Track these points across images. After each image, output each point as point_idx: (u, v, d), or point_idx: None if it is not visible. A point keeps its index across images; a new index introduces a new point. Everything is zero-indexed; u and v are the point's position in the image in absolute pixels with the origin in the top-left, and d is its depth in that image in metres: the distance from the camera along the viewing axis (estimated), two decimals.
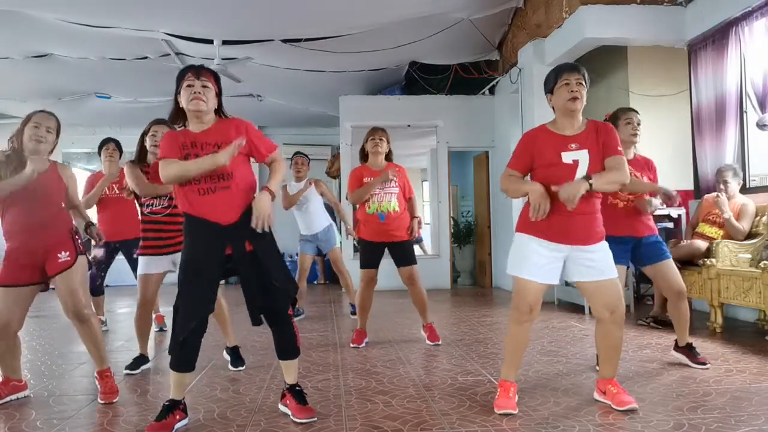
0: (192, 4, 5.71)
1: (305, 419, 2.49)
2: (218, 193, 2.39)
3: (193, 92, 2.42)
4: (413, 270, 4.13)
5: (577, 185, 2.43)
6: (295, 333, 2.59)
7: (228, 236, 2.40)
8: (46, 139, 2.91)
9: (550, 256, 2.56)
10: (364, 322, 4.25)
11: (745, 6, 4.72)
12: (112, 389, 2.92)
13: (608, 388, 2.65)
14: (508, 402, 2.59)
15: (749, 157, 5.00)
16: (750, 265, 4.24)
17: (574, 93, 2.53)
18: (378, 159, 4.17)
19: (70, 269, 2.87)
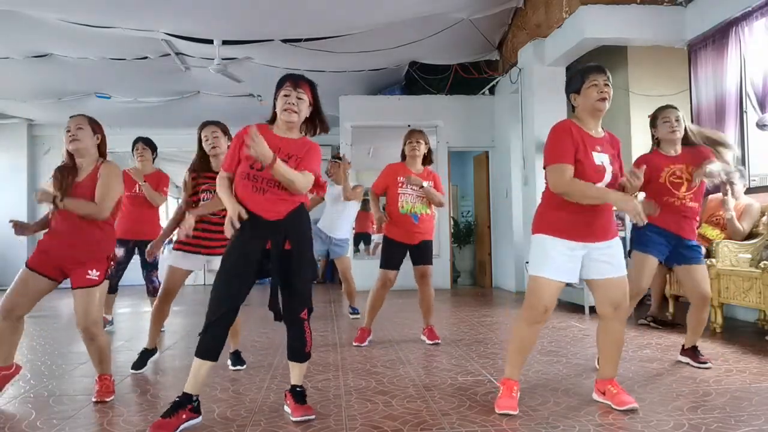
0: (192, 4, 5.71)
1: (300, 417, 2.50)
2: (268, 194, 2.48)
3: (287, 102, 2.51)
4: (428, 269, 4.16)
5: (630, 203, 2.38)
6: (306, 339, 2.60)
7: (270, 231, 2.47)
8: (78, 136, 2.86)
9: (572, 255, 2.56)
10: (371, 320, 4.25)
11: (745, 6, 4.72)
12: (108, 390, 2.94)
13: (608, 389, 2.65)
14: (510, 402, 2.58)
15: (749, 157, 5.00)
16: (750, 265, 4.24)
17: (604, 93, 2.53)
18: (416, 162, 4.17)
19: (94, 288, 2.87)
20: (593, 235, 2.55)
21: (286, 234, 2.50)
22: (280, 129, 2.59)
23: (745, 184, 4.68)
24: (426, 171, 4.21)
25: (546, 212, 2.63)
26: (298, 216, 2.56)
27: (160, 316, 3.53)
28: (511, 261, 7.64)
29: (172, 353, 4.02)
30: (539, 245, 2.61)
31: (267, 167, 2.39)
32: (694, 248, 3.27)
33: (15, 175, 9.83)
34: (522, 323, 2.66)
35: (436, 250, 8.39)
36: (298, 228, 2.55)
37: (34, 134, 10.06)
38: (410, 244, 4.13)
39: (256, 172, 2.46)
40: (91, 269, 2.86)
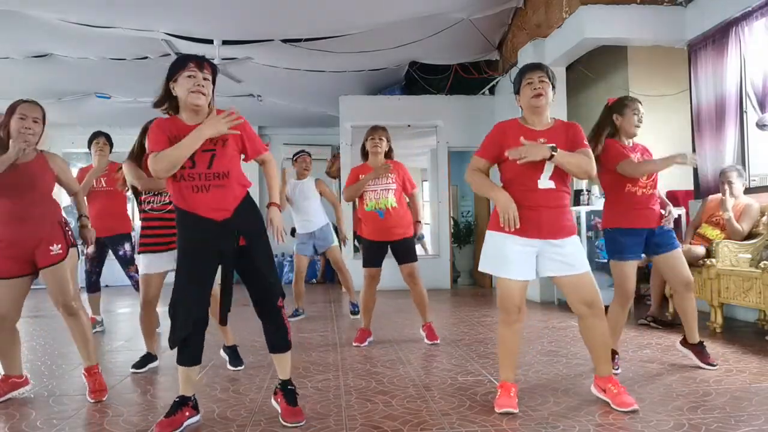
0: (192, 4, 5.71)
1: (292, 423, 2.45)
2: (212, 190, 2.37)
3: (195, 84, 2.35)
4: (414, 267, 4.13)
5: (539, 148, 2.49)
6: (286, 326, 2.56)
7: (222, 231, 2.39)
8: (34, 130, 2.85)
9: (524, 251, 2.59)
10: (368, 321, 4.26)
11: (745, 6, 4.72)
12: (101, 386, 2.92)
13: (608, 387, 2.64)
14: (509, 401, 2.59)
15: (749, 157, 5.00)
16: (750, 265, 4.24)
17: (537, 90, 2.61)
18: (378, 158, 4.17)
19: (62, 263, 2.84)
20: (540, 231, 2.57)
21: (238, 231, 2.42)
22: (188, 117, 2.40)
23: (745, 183, 4.68)
24: (389, 161, 4.18)
25: (497, 211, 2.65)
26: (247, 207, 2.46)
27: (146, 323, 3.54)
28: None
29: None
30: (493, 244, 2.66)
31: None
32: (666, 233, 3.23)
33: None
34: (501, 325, 2.70)
35: (436, 250, 8.42)
36: (249, 220, 2.46)
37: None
38: (384, 241, 4.10)
39: (190, 170, 2.34)
40: (52, 245, 2.83)
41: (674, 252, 3.23)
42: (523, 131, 2.63)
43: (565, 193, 2.64)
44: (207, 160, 2.36)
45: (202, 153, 2.36)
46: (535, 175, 2.56)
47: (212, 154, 2.38)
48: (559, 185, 2.60)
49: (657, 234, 3.22)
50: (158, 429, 2.38)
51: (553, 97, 2.67)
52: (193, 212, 2.38)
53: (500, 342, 2.73)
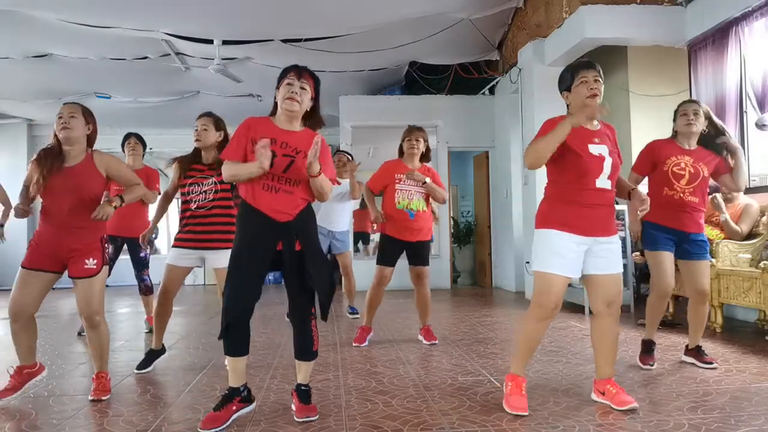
0: (192, 4, 5.71)
1: (302, 418, 2.51)
2: (280, 193, 2.45)
3: (290, 91, 2.47)
4: (425, 271, 4.13)
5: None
6: (313, 337, 2.60)
7: (281, 232, 2.46)
8: (71, 124, 2.86)
9: (578, 249, 2.57)
10: (370, 319, 4.25)
11: (745, 6, 4.72)
12: (104, 389, 2.95)
13: (607, 389, 2.64)
14: (521, 401, 2.57)
15: (749, 157, 5.00)
16: (750, 265, 4.24)
17: (594, 90, 2.58)
18: (414, 159, 4.16)
19: (94, 278, 2.87)
20: (597, 229, 2.57)
21: (296, 235, 2.48)
22: (281, 121, 2.55)
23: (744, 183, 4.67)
24: (424, 167, 4.19)
25: (553, 207, 2.64)
26: (307, 216, 2.55)
27: (162, 315, 3.51)
28: (511, 261, 7.64)
29: (172, 353, 4.02)
30: (545, 240, 2.61)
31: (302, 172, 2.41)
32: (698, 243, 3.26)
33: (15, 175, 9.81)
34: (532, 320, 2.65)
35: (436, 250, 8.42)
36: (307, 228, 2.54)
37: (34, 134, 10.06)
38: (406, 241, 4.09)
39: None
40: (88, 258, 2.86)
41: (699, 262, 3.25)
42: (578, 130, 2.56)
43: (614, 195, 2.67)
44: (284, 165, 2.44)
45: (282, 157, 2.44)
46: (594, 174, 2.55)
47: (291, 160, 2.45)
48: (613, 185, 2.62)
49: (690, 240, 3.24)
50: (203, 424, 2.40)
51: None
52: (258, 209, 2.45)
53: (526, 336, 2.68)
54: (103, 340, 2.99)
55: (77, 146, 2.92)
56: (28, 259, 2.86)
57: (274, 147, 2.43)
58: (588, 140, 2.57)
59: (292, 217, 2.47)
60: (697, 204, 3.25)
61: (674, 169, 3.22)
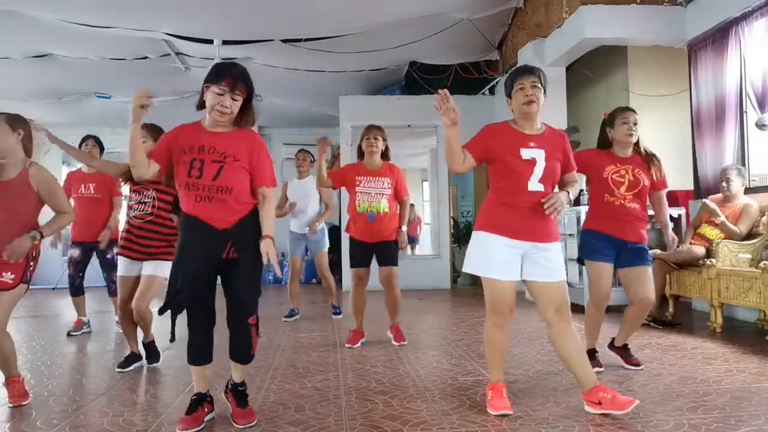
0: (192, 4, 5.71)
1: (243, 425, 2.47)
2: (214, 202, 2.41)
3: (220, 104, 2.39)
4: (392, 271, 4.08)
5: (561, 196, 2.53)
6: (251, 342, 2.53)
7: (218, 239, 2.42)
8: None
9: (510, 252, 2.58)
10: (359, 322, 4.23)
11: (745, 6, 4.72)
12: (20, 392, 2.83)
13: (600, 396, 2.51)
14: (503, 402, 2.58)
15: (749, 157, 5.00)
16: (750, 265, 4.24)
17: (529, 97, 2.59)
18: (373, 158, 4.13)
19: (5, 291, 2.70)
20: (531, 233, 2.57)
21: (233, 242, 2.44)
22: (210, 123, 2.48)
23: (744, 183, 4.68)
24: (386, 166, 4.15)
25: (488, 210, 2.66)
26: (248, 223, 2.47)
27: (125, 324, 3.57)
28: None
29: (172, 353, 4.02)
30: (479, 243, 2.64)
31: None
32: (637, 250, 3.19)
33: None
34: (492, 329, 2.66)
35: (436, 250, 8.43)
36: (245, 235, 2.46)
37: None
38: (369, 243, 4.08)
39: (196, 180, 2.39)
40: (6, 272, 2.68)
41: (640, 268, 3.18)
42: (514, 133, 2.64)
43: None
44: (214, 173, 2.40)
45: (211, 164, 2.40)
46: (524, 177, 2.56)
47: (220, 166, 2.41)
48: (549, 189, 2.60)
49: (629, 248, 3.19)
50: (181, 426, 2.40)
51: (544, 100, 2.65)
52: (196, 216, 2.43)
53: (489, 344, 2.70)
54: (8, 353, 2.81)
55: (12, 157, 2.75)
56: None
57: (203, 155, 2.40)
58: (522, 144, 2.59)
59: (230, 224, 2.42)
60: (638, 211, 3.20)
61: (614, 177, 3.19)
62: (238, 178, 2.44)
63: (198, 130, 2.49)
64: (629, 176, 3.18)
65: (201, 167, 2.39)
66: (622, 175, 3.19)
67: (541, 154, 2.58)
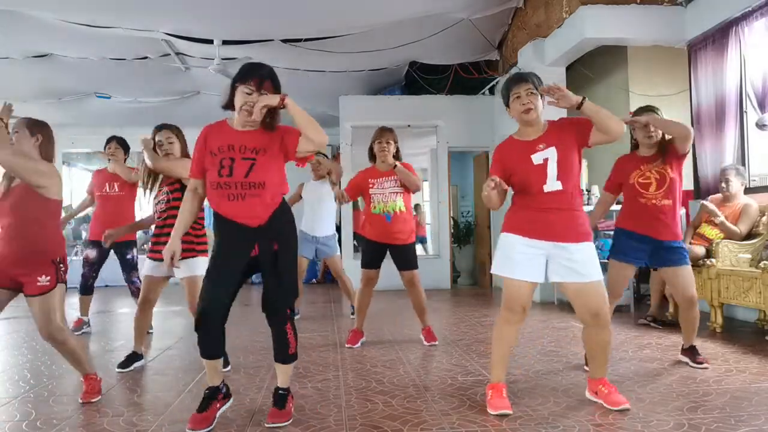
0: (192, 4, 5.71)
1: (270, 423, 2.48)
2: (248, 199, 2.42)
3: (247, 103, 2.41)
4: (414, 274, 4.12)
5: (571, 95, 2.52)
6: (288, 340, 2.56)
7: (256, 236, 2.45)
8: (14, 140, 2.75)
9: (531, 253, 2.59)
10: (361, 322, 4.24)
11: (745, 6, 4.72)
12: (94, 390, 2.91)
13: (599, 388, 2.66)
14: (503, 401, 2.59)
15: (749, 157, 5.00)
16: (750, 265, 4.24)
17: (526, 105, 2.62)
18: (386, 162, 4.13)
19: (49, 293, 2.74)
20: (548, 233, 2.57)
21: (272, 237, 2.47)
22: (237, 123, 2.50)
23: (744, 183, 4.68)
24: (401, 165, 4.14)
25: (512, 212, 2.71)
26: (282, 216, 2.51)
27: (140, 322, 3.57)
28: None
29: (172, 353, 4.02)
30: (503, 245, 2.69)
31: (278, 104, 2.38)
32: (675, 250, 3.23)
33: None
34: (502, 324, 2.68)
35: (436, 250, 8.42)
36: (283, 229, 2.52)
37: None
38: (386, 244, 4.09)
39: (227, 179, 2.40)
40: (41, 276, 2.71)
41: (681, 268, 3.24)
42: (520, 146, 2.67)
43: (576, 196, 2.63)
44: (246, 170, 2.41)
45: (242, 161, 2.41)
46: (540, 181, 2.57)
47: (252, 163, 2.42)
48: (568, 186, 2.58)
49: (666, 247, 3.23)
50: (192, 425, 2.41)
51: (544, 104, 2.66)
52: (229, 218, 2.44)
53: (497, 340, 2.71)
54: (75, 352, 2.88)
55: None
56: None
57: (232, 153, 2.41)
58: (531, 151, 2.61)
59: (263, 220, 2.44)
60: (670, 208, 3.21)
61: (640, 180, 3.24)
62: (271, 173, 2.45)
63: (224, 129, 2.50)
64: (654, 175, 3.22)
65: (231, 165, 2.40)
66: (647, 177, 3.24)
67: (553, 152, 2.58)
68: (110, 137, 4.95)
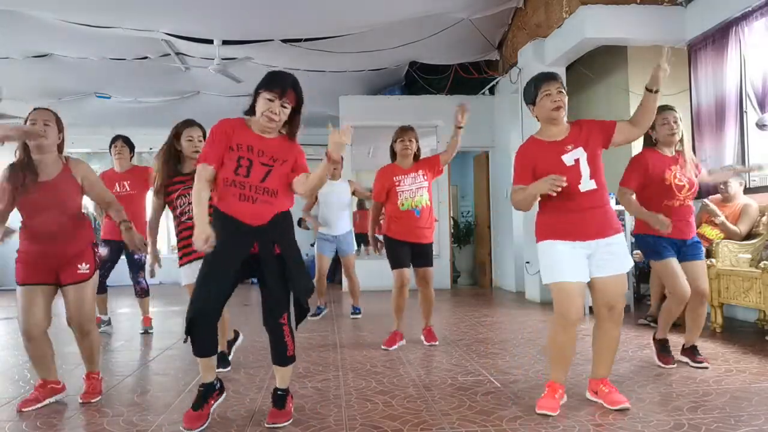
0: (192, 4, 5.71)
1: (270, 423, 2.47)
2: (258, 204, 2.42)
3: (270, 110, 2.41)
4: (429, 272, 4.12)
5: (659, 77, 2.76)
6: (286, 342, 2.53)
7: (256, 235, 2.44)
8: (46, 132, 2.73)
9: (577, 253, 2.57)
10: (399, 322, 4.17)
11: (745, 6, 4.72)
12: (95, 390, 2.92)
13: (600, 388, 2.66)
14: (552, 403, 2.56)
15: (749, 157, 5.00)
16: (750, 265, 4.24)
17: (557, 102, 2.60)
18: (407, 160, 4.13)
19: (86, 282, 2.83)
20: (592, 232, 2.57)
21: (273, 238, 2.46)
22: (257, 128, 2.49)
23: (742, 183, 4.68)
24: (417, 164, 4.14)
25: (547, 218, 2.67)
26: (284, 220, 2.51)
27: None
28: (511, 261, 7.64)
29: (172, 353, 4.02)
30: (546, 252, 2.63)
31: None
32: (693, 245, 3.28)
33: None
34: (559, 331, 2.63)
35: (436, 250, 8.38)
36: (285, 233, 2.51)
37: None
38: (412, 242, 4.06)
39: (243, 178, 2.40)
40: (81, 263, 2.82)
41: (698, 262, 3.26)
42: (548, 147, 2.62)
43: (606, 192, 2.64)
44: (262, 175, 2.42)
45: (260, 166, 2.42)
46: (575, 182, 2.54)
47: (269, 170, 2.43)
48: (600, 185, 2.59)
49: (687, 244, 3.26)
50: (186, 424, 2.41)
51: None
52: (231, 215, 2.42)
53: (555, 347, 2.65)
54: (94, 346, 2.94)
55: (49, 155, 2.79)
56: (22, 275, 2.78)
57: (251, 155, 2.41)
58: (561, 152, 2.58)
59: (265, 221, 2.43)
60: (691, 208, 3.28)
61: (676, 183, 3.20)
62: (283, 182, 2.47)
63: (245, 129, 2.49)
64: (686, 178, 3.21)
65: (249, 167, 2.40)
66: (680, 180, 3.21)
67: (581, 152, 2.57)
68: (116, 136, 4.94)
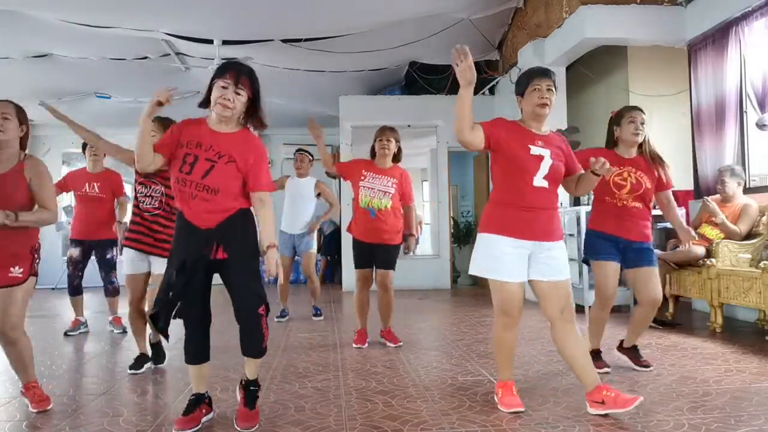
0: (192, 4, 5.71)
1: (243, 428, 2.42)
2: (197, 200, 2.39)
3: (222, 96, 2.37)
4: (389, 275, 4.06)
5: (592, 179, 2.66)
6: (263, 333, 2.47)
7: (206, 239, 2.40)
8: (4, 126, 2.60)
9: (516, 252, 2.58)
10: (364, 321, 4.22)
11: (745, 6, 4.72)
12: (41, 398, 2.75)
13: (604, 395, 2.50)
14: (514, 399, 2.59)
15: (749, 157, 5.00)
16: (750, 265, 4.24)
17: (544, 99, 2.61)
18: (386, 160, 4.10)
19: (16, 287, 2.62)
20: (537, 233, 2.58)
21: (221, 243, 2.41)
22: (213, 121, 2.45)
23: (741, 183, 4.67)
24: (396, 168, 4.12)
25: (493, 211, 2.66)
26: (235, 223, 2.43)
27: (135, 324, 3.55)
28: None
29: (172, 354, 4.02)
30: (489, 246, 2.63)
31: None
32: (642, 251, 3.17)
33: None
34: (501, 330, 2.67)
35: (436, 250, 8.42)
36: (234, 236, 2.42)
37: (34, 134, 10.03)
38: (369, 243, 4.03)
39: (185, 175, 2.37)
40: (14, 266, 2.61)
41: (646, 269, 3.16)
42: (523, 131, 2.65)
43: (557, 196, 2.67)
44: (203, 171, 2.38)
45: (204, 161, 2.38)
46: (531, 172, 2.56)
47: (212, 165, 2.38)
48: (552, 186, 2.62)
49: (634, 248, 3.16)
50: (178, 426, 2.39)
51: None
52: (186, 217, 2.43)
53: (499, 345, 2.71)
54: (25, 354, 2.74)
55: (7, 149, 2.66)
56: None
57: (198, 151, 2.38)
58: (530, 141, 2.61)
59: (213, 224, 2.39)
60: (640, 211, 3.18)
61: (616, 179, 3.16)
62: (228, 181, 2.39)
63: (201, 126, 2.47)
64: (631, 179, 3.16)
65: (193, 163, 2.37)
66: (624, 178, 3.17)
67: (547, 153, 2.60)
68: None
